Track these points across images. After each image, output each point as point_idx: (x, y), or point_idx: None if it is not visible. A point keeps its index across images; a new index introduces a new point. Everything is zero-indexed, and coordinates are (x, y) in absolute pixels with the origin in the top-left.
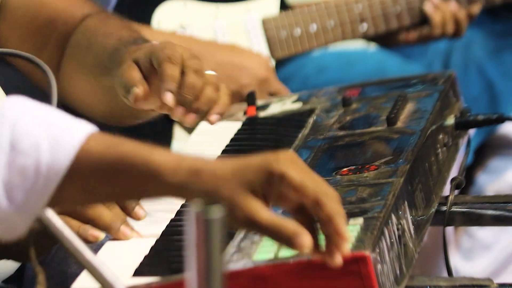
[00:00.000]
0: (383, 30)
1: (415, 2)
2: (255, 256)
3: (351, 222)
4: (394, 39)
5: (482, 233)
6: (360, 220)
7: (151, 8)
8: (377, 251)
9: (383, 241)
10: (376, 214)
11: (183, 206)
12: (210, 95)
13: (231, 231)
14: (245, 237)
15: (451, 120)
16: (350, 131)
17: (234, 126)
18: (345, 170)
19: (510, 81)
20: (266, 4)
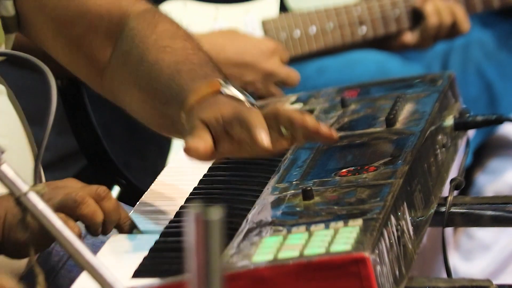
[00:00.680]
0: (382, 33)
1: (413, 5)
2: (255, 257)
3: (350, 223)
4: (393, 43)
5: (482, 233)
6: (359, 221)
7: None
8: (376, 252)
9: (383, 242)
10: (375, 215)
11: (182, 207)
12: None
13: (230, 232)
14: (244, 238)
15: (450, 121)
16: (349, 132)
17: None
18: (344, 171)
19: (509, 81)
20: (265, 5)
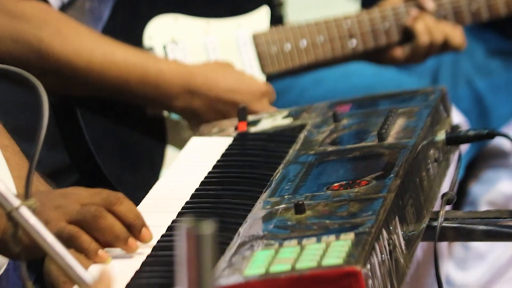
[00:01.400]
0: (372, 46)
1: (403, 18)
2: (246, 271)
3: (342, 237)
4: (384, 57)
5: (477, 243)
6: (351, 235)
7: (143, 23)
8: (368, 266)
9: (374, 256)
10: (367, 229)
11: (174, 222)
12: None
13: (222, 246)
14: (236, 252)
15: (442, 136)
16: (341, 146)
17: (225, 142)
18: (336, 185)
19: (499, 93)
20: (256, 19)
